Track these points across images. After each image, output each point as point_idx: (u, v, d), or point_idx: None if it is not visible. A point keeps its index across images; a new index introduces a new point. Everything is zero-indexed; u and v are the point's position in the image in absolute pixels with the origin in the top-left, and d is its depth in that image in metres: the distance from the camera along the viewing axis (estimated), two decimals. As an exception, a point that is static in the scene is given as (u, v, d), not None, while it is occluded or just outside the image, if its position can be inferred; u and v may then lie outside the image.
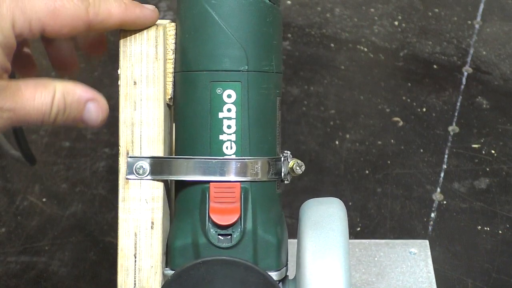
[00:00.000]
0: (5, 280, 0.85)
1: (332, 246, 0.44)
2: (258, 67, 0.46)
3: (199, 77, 0.46)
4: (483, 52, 1.24)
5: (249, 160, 0.46)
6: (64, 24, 0.41)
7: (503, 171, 1.00)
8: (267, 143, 0.47)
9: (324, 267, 0.43)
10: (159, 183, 0.46)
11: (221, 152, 0.46)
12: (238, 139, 0.46)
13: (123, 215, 0.46)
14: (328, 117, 1.09)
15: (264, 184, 0.47)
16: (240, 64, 0.45)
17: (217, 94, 0.46)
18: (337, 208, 0.47)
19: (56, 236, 0.91)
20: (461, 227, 0.91)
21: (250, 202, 0.46)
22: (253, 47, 0.46)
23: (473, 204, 0.95)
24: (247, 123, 0.46)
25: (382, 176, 0.99)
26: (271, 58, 0.46)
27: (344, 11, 1.33)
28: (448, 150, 1.04)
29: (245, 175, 0.45)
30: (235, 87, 0.46)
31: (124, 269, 0.46)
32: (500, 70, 1.20)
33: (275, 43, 0.47)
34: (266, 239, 0.46)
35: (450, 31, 1.30)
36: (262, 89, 0.46)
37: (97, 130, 1.06)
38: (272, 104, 0.47)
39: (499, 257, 0.87)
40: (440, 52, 1.25)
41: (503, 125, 1.08)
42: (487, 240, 0.89)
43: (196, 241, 0.45)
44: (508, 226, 0.91)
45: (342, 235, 0.45)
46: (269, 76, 0.46)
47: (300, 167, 0.48)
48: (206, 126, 0.46)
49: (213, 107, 0.46)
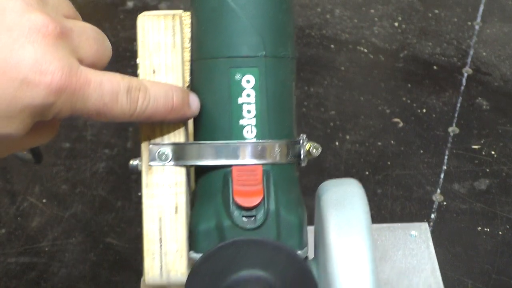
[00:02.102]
0: (5, 281, 0.85)
1: (355, 224, 0.45)
2: (274, 53, 0.47)
3: (218, 64, 0.47)
4: (483, 53, 1.24)
5: (269, 144, 0.47)
6: (105, 119, 0.41)
7: (503, 172, 1.00)
8: (285, 127, 0.48)
9: (349, 245, 0.44)
10: (182, 168, 0.47)
11: (242, 136, 0.47)
12: (258, 123, 0.47)
13: (148, 201, 0.47)
14: (328, 118, 1.09)
15: (284, 167, 0.48)
16: (258, 50, 0.46)
17: (236, 80, 0.47)
18: (356, 187, 0.48)
19: (56, 237, 0.91)
20: (461, 228, 0.91)
21: (272, 184, 0.46)
22: (269, 33, 0.47)
23: (473, 205, 0.95)
24: (266, 108, 0.47)
25: (382, 177, 0.99)
26: (287, 44, 0.48)
27: (344, 12, 1.33)
28: (448, 151, 1.04)
29: (266, 158, 0.46)
30: (254, 72, 0.47)
31: (150, 253, 0.47)
32: (500, 71, 1.20)
33: (289, 29, 0.48)
34: (288, 219, 0.47)
35: (450, 32, 1.30)
36: (279, 74, 0.47)
37: (97, 131, 1.06)
38: (289, 88, 0.48)
39: (499, 258, 0.87)
40: (440, 53, 1.25)
41: (503, 126, 1.08)
42: (487, 241, 0.89)
43: (220, 224, 0.46)
44: (508, 227, 0.91)
45: (364, 213, 0.45)
46: (285, 61, 0.48)
47: (317, 149, 0.49)
48: (226, 112, 0.47)
49: (233, 92, 0.47)
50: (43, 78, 0.35)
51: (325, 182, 0.50)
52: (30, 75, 0.35)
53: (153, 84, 0.43)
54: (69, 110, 0.38)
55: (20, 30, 0.35)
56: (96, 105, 0.38)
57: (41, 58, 0.35)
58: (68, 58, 0.37)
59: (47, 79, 0.35)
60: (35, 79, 0.35)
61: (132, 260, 0.88)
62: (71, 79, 0.36)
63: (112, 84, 0.39)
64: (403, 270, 0.80)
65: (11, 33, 0.35)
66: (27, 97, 0.35)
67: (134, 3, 1.42)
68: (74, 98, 0.37)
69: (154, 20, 0.48)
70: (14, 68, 0.35)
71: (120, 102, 0.40)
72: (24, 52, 0.35)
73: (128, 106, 0.40)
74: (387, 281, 0.79)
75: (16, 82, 0.35)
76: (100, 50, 0.41)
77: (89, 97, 0.38)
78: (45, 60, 0.35)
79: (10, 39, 0.35)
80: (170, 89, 0.44)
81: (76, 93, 0.37)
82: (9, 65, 0.35)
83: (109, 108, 0.39)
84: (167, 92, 0.44)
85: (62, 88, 0.36)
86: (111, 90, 0.39)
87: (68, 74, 0.36)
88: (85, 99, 0.38)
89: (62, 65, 0.36)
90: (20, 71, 0.35)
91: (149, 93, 0.42)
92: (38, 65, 0.35)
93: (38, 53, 0.35)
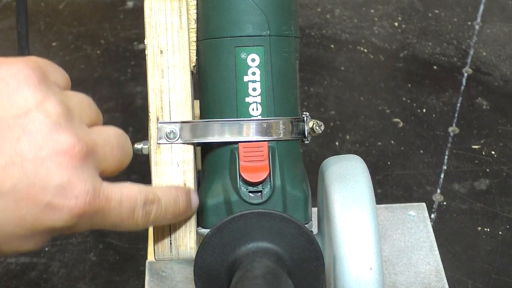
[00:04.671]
0: (5, 281, 0.85)
1: (360, 197, 0.46)
2: (279, 32, 0.48)
3: (224, 43, 0.49)
4: (483, 53, 1.24)
5: (274, 121, 0.48)
6: (119, 230, 0.42)
7: (503, 172, 1.00)
8: (290, 104, 0.49)
9: (354, 217, 0.45)
10: (190, 146, 0.48)
11: (248, 113, 0.48)
12: (263, 101, 0.48)
13: (156, 179, 0.48)
14: (328, 118, 1.09)
15: (289, 143, 0.49)
16: (262, 29, 0.48)
17: (242, 59, 0.48)
18: (358, 162, 0.49)
19: (56, 237, 0.91)
20: (461, 228, 0.91)
21: (278, 160, 0.48)
22: (273, 12, 0.48)
23: (473, 205, 0.95)
24: (271, 85, 0.48)
25: (382, 177, 0.99)
26: (290, 23, 0.49)
27: (344, 12, 1.33)
28: (448, 151, 1.04)
29: (271, 134, 0.48)
30: (259, 51, 0.48)
31: (160, 229, 0.48)
32: (500, 71, 1.20)
33: (292, 8, 0.49)
34: (294, 194, 0.48)
35: (450, 32, 1.30)
36: (283, 53, 0.49)
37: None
38: (293, 66, 0.50)
39: (499, 258, 0.87)
40: (440, 53, 1.25)
41: (503, 126, 1.08)
42: (487, 241, 0.89)
43: (228, 199, 0.47)
44: (508, 227, 0.91)
45: (367, 186, 0.46)
46: (289, 40, 0.49)
47: (320, 126, 0.50)
48: (233, 90, 0.48)
49: (238, 71, 0.48)
50: (67, 202, 0.36)
51: (328, 158, 0.51)
52: (55, 200, 0.35)
53: (164, 193, 0.44)
54: (88, 227, 0.38)
55: (48, 152, 0.35)
56: (114, 221, 0.39)
57: (66, 182, 0.36)
58: (92, 178, 0.37)
59: (71, 203, 0.36)
60: (59, 203, 0.36)
61: (132, 260, 0.88)
62: (94, 202, 0.37)
63: (130, 201, 0.40)
64: (402, 248, 0.81)
65: (39, 153, 0.35)
66: (50, 219, 0.36)
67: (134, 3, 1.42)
68: (94, 218, 0.38)
69: (161, 2, 0.49)
70: (40, 191, 0.35)
71: (135, 217, 0.41)
72: (51, 175, 0.35)
73: (143, 220, 0.41)
74: (386, 259, 0.80)
75: (40, 206, 0.35)
76: (123, 157, 0.41)
77: (109, 215, 0.39)
78: (70, 184, 0.36)
79: (38, 161, 0.35)
80: (178, 195, 0.45)
81: (97, 214, 0.38)
82: (35, 188, 0.35)
83: (125, 222, 0.40)
84: (176, 199, 0.44)
85: (85, 212, 0.37)
86: (129, 207, 0.40)
87: (91, 197, 0.37)
88: (104, 217, 0.38)
89: (86, 189, 0.36)
90: (46, 195, 0.35)
91: (161, 204, 0.43)
92: (63, 189, 0.36)
93: (64, 177, 0.36)
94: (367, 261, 0.44)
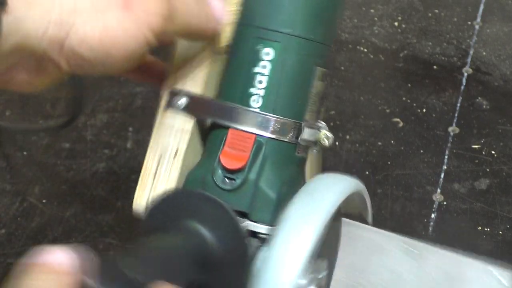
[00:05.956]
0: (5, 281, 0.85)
1: (311, 213, 0.45)
2: (301, 33, 0.48)
3: (246, 30, 0.49)
4: (483, 53, 1.24)
5: (271, 117, 0.48)
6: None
7: (503, 172, 1.00)
8: (294, 107, 0.49)
9: (293, 228, 0.45)
10: (192, 119, 0.50)
11: (248, 103, 0.48)
12: (265, 95, 0.48)
13: (154, 139, 0.51)
14: (328, 118, 1.09)
15: (282, 144, 0.49)
16: (284, 26, 0.48)
17: (256, 50, 0.48)
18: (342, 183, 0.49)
19: (56, 238, 0.91)
20: (461, 228, 0.91)
21: (261, 156, 0.48)
22: (299, 13, 0.48)
23: (474, 205, 0.95)
24: (278, 83, 0.48)
25: (382, 177, 0.99)
26: (318, 28, 0.49)
27: (344, 12, 1.33)
28: (448, 150, 1.04)
29: (264, 129, 0.48)
30: (274, 46, 0.48)
31: (143, 184, 0.50)
32: (500, 70, 1.20)
33: (325, 14, 0.49)
34: (265, 192, 0.48)
35: (450, 31, 1.30)
36: (300, 55, 0.48)
37: (97, 131, 1.06)
38: (309, 71, 0.49)
39: (500, 258, 0.87)
40: (440, 52, 1.25)
41: (503, 126, 1.08)
42: (488, 241, 0.89)
43: (203, 178, 0.48)
44: (508, 227, 0.91)
45: (327, 206, 0.46)
46: (311, 44, 0.49)
47: (328, 139, 0.51)
48: (241, 77, 0.49)
49: (250, 61, 0.49)
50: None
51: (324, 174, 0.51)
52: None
53: None
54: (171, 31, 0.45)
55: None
56: None
57: None
58: None
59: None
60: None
61: (132, 260, 0.88)
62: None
63: None
64: None
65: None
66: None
67: (134, 3, 1.42)
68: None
69: None
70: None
71: None
72: None
73: None
74: None
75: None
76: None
77: None
78: None
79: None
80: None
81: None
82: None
83: None
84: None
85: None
86: None
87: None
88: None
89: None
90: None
91: None
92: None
93: None
94: (286, 272, 0.44)
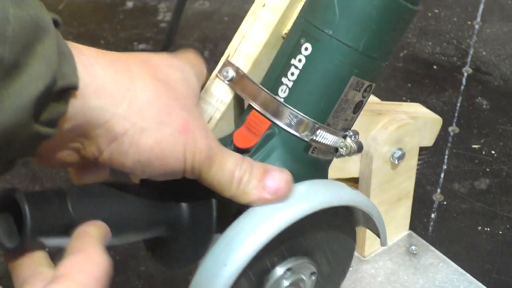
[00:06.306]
0: (5, 281, 0.85)
1: (269, 215, 0.45)
2: (341, 38, 0.48)
3: (297, 22, 0.51)
4: (483, 53, 1.24)
5: (289, 109, 0.49)
6: None
7: (503, 172, 1.00)
8: (317, 108, 0.49)
9: (247, 221, 0.46)
10: (231, 91, 0.52)
11: (276, 91, 0.50)
12: (292, 88, 0.49)
13: (202, 104, 0.52)
14: (328, 118, 1.09)
15: (294, 138, 0.49)
16: (326, 26, 0.48)
17: (299, 43, 0.49)
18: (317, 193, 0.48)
19: (56, 238, 0.91)
20: (461, 227, 0.91)
21: (271, 143, 0.49)
22: (345, 18, 0.48)
23: (473, 204, 0.95)
24: (307, 80, 0.49)
25: (382, 177, 0.99)
26: (362, 38, 0.48)
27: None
28: (448, 150, 1.04)
29: (280, 119, 0.49)
30: (314, 43, 0.48)
31: None
32: (500, 70, 1.20)
33: (372, 26, 0.48)
34: None
35: (450, 31, 1.30)
36: (336, 59, 0.48)
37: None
38: (341, 78, 0.49)
39: (500, 258, 0.87)
40: (440, 52, 1.25)
41: (503, 126, 1.08)
42: (488, 241, 0.89)
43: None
44: (508, 227, 0.91)
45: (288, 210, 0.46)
46: (350, 51, 0.48)
47: (346, 148, 0.50)
48: (280, 65, 0.50)
49: (291, 52, 0.50)
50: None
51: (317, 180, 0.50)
52: None
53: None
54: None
55: None
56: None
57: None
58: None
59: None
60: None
61: (132, 260, 0.88)
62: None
63: None
64: None
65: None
66: None
67: (134, 3, 1.42)
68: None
69: None
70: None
71: None
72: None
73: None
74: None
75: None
76: None
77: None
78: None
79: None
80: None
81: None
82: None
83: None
84: None
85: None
86: None
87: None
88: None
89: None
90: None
91: None
92: None
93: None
94: (224, 257, 0.45)
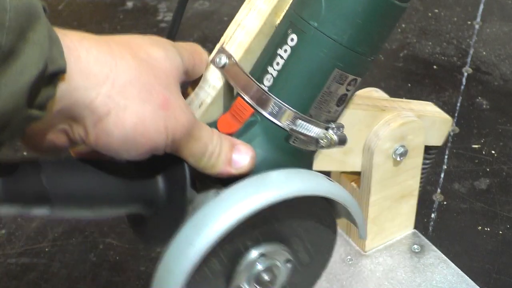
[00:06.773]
0: (5, 282, 0.85)
1: (229, 209, 0.45)
2: (326, 31, 0.48)
3: (287, 13, 0.52)
4: (483, 53, 1.24)
5: (271, 98, 0.50)
6: None
7: (503, 172, 1.00)
8: (299, 98, 0.50)
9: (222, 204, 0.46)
10: (223, 78, 0.53)
11: (262, 80, 0.51)
12: (277, 78, 0.50)
13: (196, 89, 0.54)
14: (328, 118, 1.09)
15: (274, 127, 0.50)
16: (312, 19, 0.49)
17: (286, 33, 0.50)
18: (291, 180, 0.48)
19: (56, 238, 0.91)
20: (461, 227, 0.91)
21: (252, 130, 0.50)
22: (331, 12, 0.48)
23: (474, 204, 0.95)
24: (291, 70, 0.50)
25: (382, 177, 0.99)
26: (345, 32, 0.48)
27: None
28: (448, 150, 1.04)
29: (262, 107, 0.50)
30: (300, 35, 0.49)
31: None
32: (500, 70, 1.20)
33: (358, 21, 0.48)
34: None
35: (450, 31, 1.30)
36: (320, 51, 0.49)
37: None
38: (325, 70, 0.49)
39: (500, 258, 0.87)
40: (440, 52, 1.25)
41: (503, 126, 1.08)
42: (488, 241, 0.89)
43: None
44: (508, 227, 0.91)
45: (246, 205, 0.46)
46: (334, 45, 0.49)
47: (325, 140, 0.51)
48: (267, 54, 0.51)
49: (278, 42, 0.50)
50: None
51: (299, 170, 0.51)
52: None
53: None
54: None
55: None
56: None
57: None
58: None
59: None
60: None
61: (132, 260, 0.88)
62: None
63: None
64: None
65: None
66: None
67: (134, 4, 1.42)
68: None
69: None
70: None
71: None
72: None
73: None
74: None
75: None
76: None
77: None
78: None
79: None
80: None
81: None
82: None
83: None
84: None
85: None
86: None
87: None
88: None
89: None
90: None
91: None
92: None
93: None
94: (191, 237, 0.45)
